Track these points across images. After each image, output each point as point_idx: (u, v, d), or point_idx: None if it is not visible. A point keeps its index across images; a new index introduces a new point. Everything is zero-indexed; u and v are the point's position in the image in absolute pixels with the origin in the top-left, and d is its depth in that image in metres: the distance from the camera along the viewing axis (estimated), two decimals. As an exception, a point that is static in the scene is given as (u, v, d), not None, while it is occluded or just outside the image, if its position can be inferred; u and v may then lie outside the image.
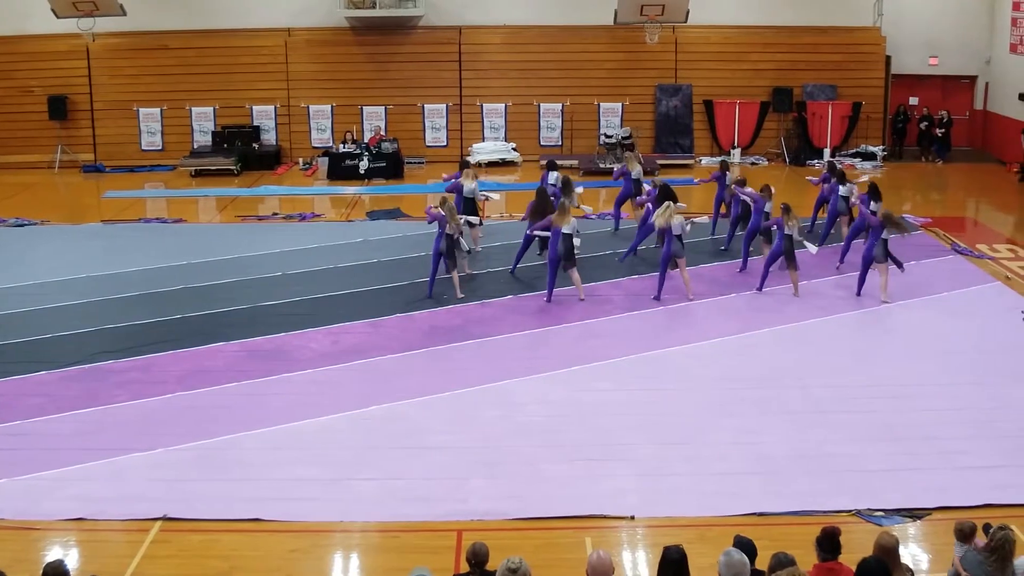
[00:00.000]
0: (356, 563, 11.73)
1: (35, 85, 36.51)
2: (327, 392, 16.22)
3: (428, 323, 19.45)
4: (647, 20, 33.91)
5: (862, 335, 18.65)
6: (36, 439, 14.58)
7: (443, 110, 37.26)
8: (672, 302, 20.42)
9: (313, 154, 35.65)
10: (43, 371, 17.13)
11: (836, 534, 9.08)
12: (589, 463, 13.75)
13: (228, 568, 11.31)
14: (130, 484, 13.24)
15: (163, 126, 37.07)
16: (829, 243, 23.97)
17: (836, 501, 12.58)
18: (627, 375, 16.82)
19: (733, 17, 37.02)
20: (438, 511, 12.50)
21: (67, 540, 12.01)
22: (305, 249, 24.05)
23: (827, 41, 36.84)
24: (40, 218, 28.30)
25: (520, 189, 31.15)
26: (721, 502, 12.59)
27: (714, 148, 37.30)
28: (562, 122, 37.31)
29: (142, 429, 14.86)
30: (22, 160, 36.37)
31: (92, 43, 35.64)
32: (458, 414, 15.37)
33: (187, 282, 22.02)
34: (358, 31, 36.83)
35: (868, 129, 36.76)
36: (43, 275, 22.56)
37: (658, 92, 37.10)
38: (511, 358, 17.63)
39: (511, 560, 8.33)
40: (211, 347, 18.25)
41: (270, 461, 13.86)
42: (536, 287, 21.29)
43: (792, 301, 20.39)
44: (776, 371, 16.88)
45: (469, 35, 37.01)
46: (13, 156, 36.41)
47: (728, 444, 14.24)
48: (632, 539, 12.00)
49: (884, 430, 14.58)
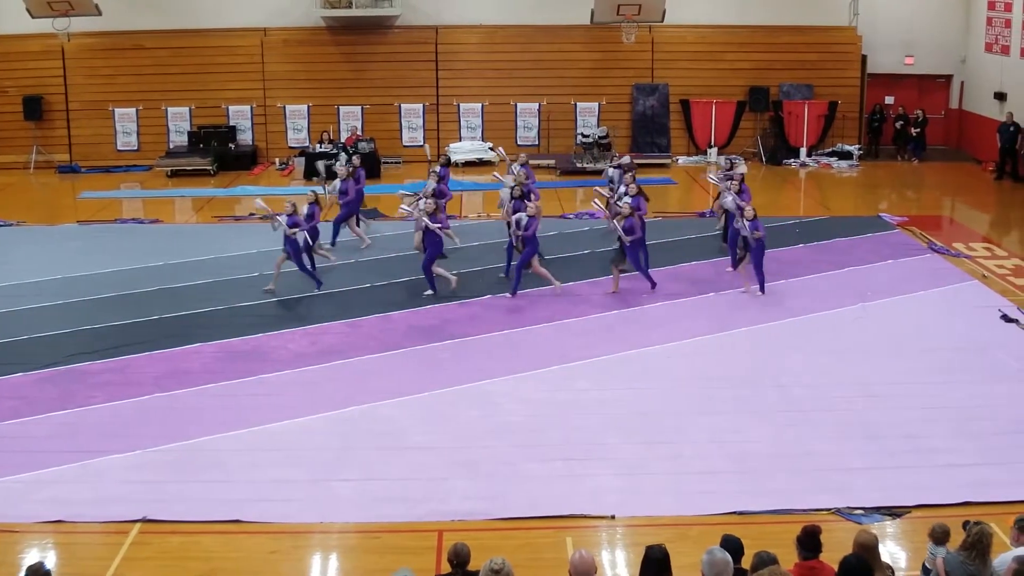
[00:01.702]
0: (337, 564, 11.71)
1: (9, 85, 36.31)
2: (305, 393, 16.18)
3: (406, 323, 19.42)
4: (624, 20, 33.92)
5: (840, 334, 18.66)
6: (11, 441, 14.50)
7: (420, 110, 37.19)
8: (651, 301, 20.43)
9: (290, 154, 35.55)
10: (18, 373, 17.04)
11: (817, 533, 9.09)
12: (569, 463, 13.76)
13: (208, 570, 11.28)
14: (108, 486, 13.19)
15: (139, 126, 36.89)
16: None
17: (816, 500, 12.62)
18: (606, 374, 16.83)
19: (709, 16, 37.04)
20: (418, 511, 12.49)
21: (45, 543, 11.95)
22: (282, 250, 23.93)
23: (803, 40, 36.90)
24: (15, 219, 28.13)
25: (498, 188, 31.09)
26: (701, 501, 12.62)
27: (691, 147, 37.33)
28: (539, 122, 37.28)
29: (119, 431, 14.80)
30: (-4, 161, 36.19)
31: (67, 43, 35.45)
32: (437, 414, 15.35)
33: (164, 283, 21.92)
34: (335, 31, 36.74)
35: (844, 128, 36.83)
36: (18, 276, 22.42)
37: (635, 92, 37.11)
38: (490, 358, 17.63)
39: (494, 561, 8.30)
40: (188, 348, 18.18)
41: (248, 462, 13.82)
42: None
43: (771, 301, 20.41)
44: (754, 370, 16.91)
45: (446, 35, 36.96)
46: (-13, 157, 36.22)
47: (708, 443, 14.27)
48: (613, 539, 12.02)
49: (863, 429, 14.63)
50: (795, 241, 24.69)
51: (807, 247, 24.18)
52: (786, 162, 35.88)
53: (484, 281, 21.80)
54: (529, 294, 20.89)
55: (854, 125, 37.20)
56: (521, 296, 20.74)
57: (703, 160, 36.51)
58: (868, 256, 23.42)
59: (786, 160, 35.96)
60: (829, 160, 35.82)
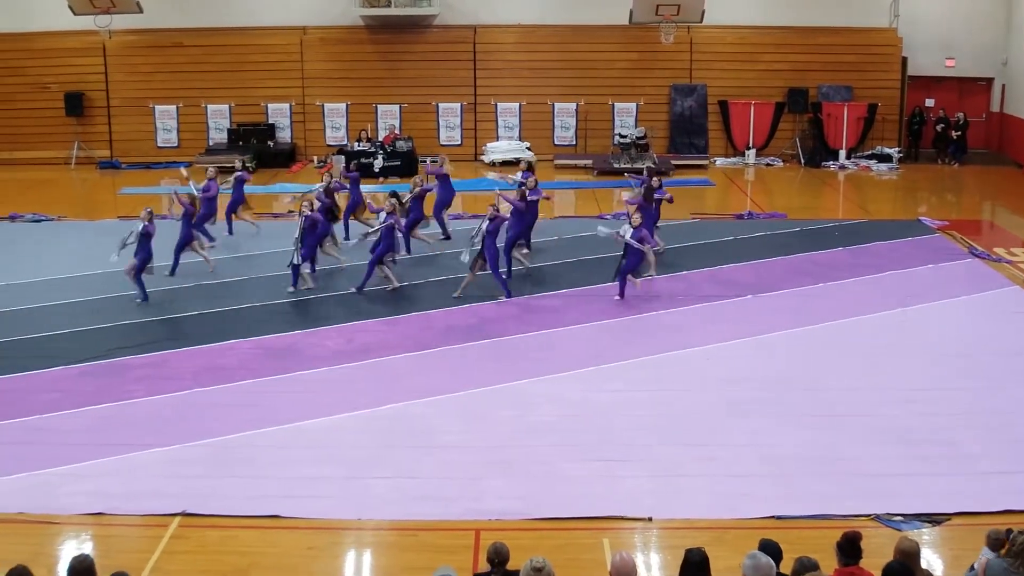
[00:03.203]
0: (374, 561, 11.72)
1: (51, 82, 36.58)
2: (341, 391, 16.20)
3: (443, 322, 19.43)
4: (663, 20, 33.88)
5: (878, 338, 18.53)
6: (50, 434, 14.57)
7: (457, 109, 37.28)
8: (686, 303, 20.37)
9: (328, 152, 35.65)
10: (58, 366, 17.14)
11: (857, 539, 9.04)
12: (605, 463, 13.71)
13: (246, 564, 11.30)
14: (146, 480, 13.24)
15: (179, 123, 37.18)
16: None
17: (853, 505, 12.49)
18: (642, 376, 16.77)
19: (749, 17, 36.96)
20: (454, 510, 12.48)
21: (85, 535, 12.01)
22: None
23: (843, 42, 36.75)
24: (56, 214, 28.37)
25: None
26: (739, 504, 12.55)
27: (729, 149, 37.25)
28: (576, 122, 37.29)
29: (157, 425, 14.86)
30: (39, 156, 36.50)
31: (108, 40, 35.76)
32: (472, 413, 15.34)
33: (202, 279, 22.03)
34: (373, 30, 36.86)
35: (884, 131, 36.69)
36: (59, 271, 22.59)
37: (673, 92, 37.07)
38: (526, 358, 17.60)
39: (535, 560, 8.30)
40: (226, 344, 18.25)
41: (284, 459, 13.86)
42: (551, 287, 21.31)
43: (810, 304, 20.30)
44: (792, 374, 16.82)
45: (484, 34, 37.02)
46: (30, 152, 36.55)
47: (744, 446, 14.19)
48: (650, 541, 11.96)
49: (900, 434, 14.49)
50: (834, 244, 24.58)
51: (846, 250, 24.07)
52: (825, 164, 35.77)
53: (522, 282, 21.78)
54: (565, 294, 20.89)
55: (894, 127, 37.04)
56: (557, 297, 20.77)
57: (741, 162, 36.43)
58: (907, 260, 23.26)
59: (825, 162, 35.87)
60: (868, 163, 35.70)
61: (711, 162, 36.48)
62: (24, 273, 22.50)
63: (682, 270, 22.44)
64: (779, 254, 23.74)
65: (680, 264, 22.83)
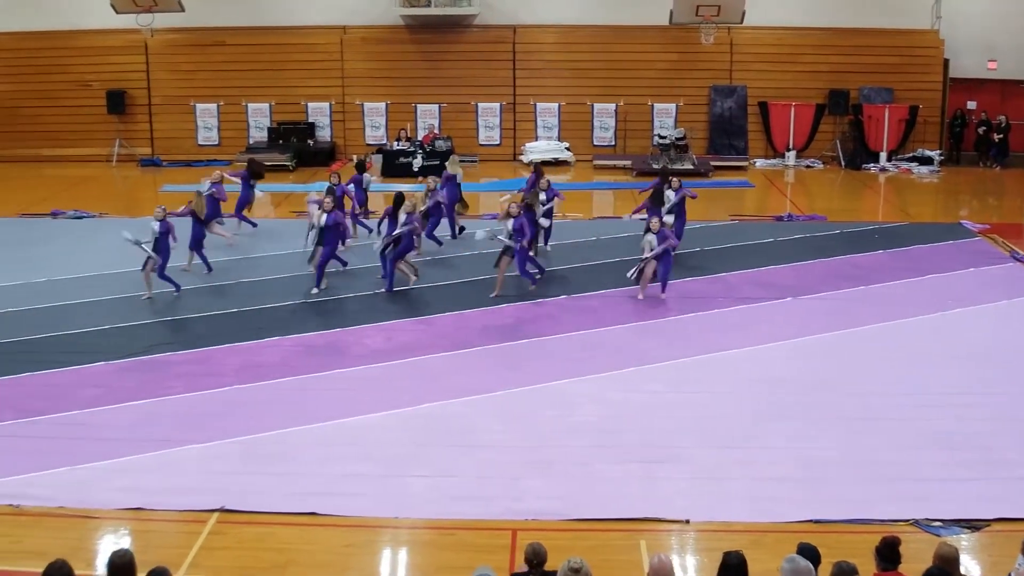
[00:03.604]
0: (411, 559, 11.72)
1: (93, 80, 36.84)
2: (380, 389, 16.24)
3: (481, 322, 19.46)
4: (703, 20, 33.80)
5: (917, 342, 18.42)
6: (91, 429, 14.68)
7: (497, 109, 37.33)
8: (725, 305, 20.31)
9: (367, 151, 35.76)
10: (100, 362, 17.27)
11: (896, 544, 9.00)
12: (643, 465, 13.68)
13: (284, 561, 11.35)
14: (185, 476, 13.32)
15: (219, 121, 37.41)
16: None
17: (891, 509, 12.40)
18: (682, 377, 16.73)
19: (789, 18, 36.82)
20: (492, 509, 12.48)
21: (124, 530, 12.10)
22: (359, 245, 24.09)
23: (884, 43, 36.55)
24: (98, 211, 28.58)
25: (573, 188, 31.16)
26: (776, 508, 12.49)
27: (768, 150, 37.13)
28: (615, 122, 37.25)
29: (197, 421, 14.95)
30: (80, 153, 36.81)
31: (150, 38, 35.97)
32: (511, 413, 15.34)
33: (243, 276, 22.17)
34: (413, 29, 36.95)
35: (925, 133, 36.52)
36: (101, 267, 22.78)
37: (713, 93, 36.99)
38: (565, 358, 17.59)
39: (572, 560, 8.31)
40: (266, 341, 18.35)
41: (323, 456, 13.90)
42: (590, 287, 21.30)
43: (849, 307, 20.21)
44: (831, 377, 16.73)
45: (523, 34, 37.05)
46: (72, 149, 36.87)
47: (782, 449, 14.12)
48: (688, 543, 11.93)
49: (939, 438, 14.39)
50: (874, 247, 24.47)
51: (886, 253, 23.96)
52: (865, 166, 35.63)
53: (560, 281, 21.81)
54: (603, 295, 20.89)
55: (935, 130, 36.84)
56: (595, 297, 20.76)
57: (781, 163, 36.32)
58: (948, 263, 23.12)
59: (865, 164, 35.72)
60: (909, 165, 35.52)
61: (751, 163, 36.39)
62: (66, 269, 22.70)
63: (721, 272, 22.39)
64: (818, 256, 23.66)
65: (719, 266, 22.79)
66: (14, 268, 22.86)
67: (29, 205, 29.53)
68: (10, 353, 17.73)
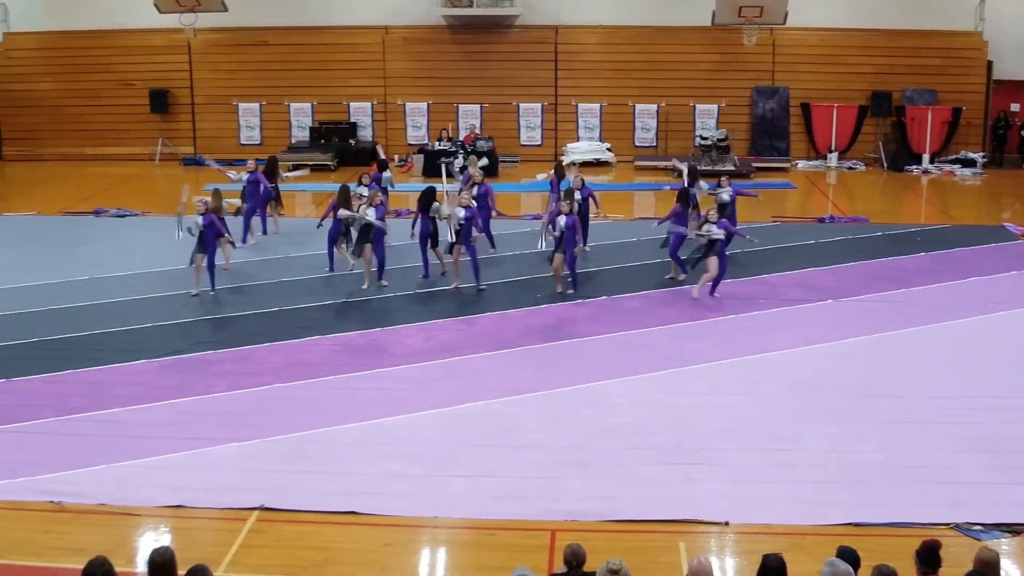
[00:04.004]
0: (451, 559, 11.73)
1: (136, 79, 37.10)
2: (420, 388, 16.25)
3: (522, 322, 19.46)
4: (745, 21, 33.69)
5: (960, 345, 18.26)
6: (132, 427, 14.76)
7: (538, 109, 37.34)
8: (767, 307, 20.24)
9: (409, 151, 35.83)
10: (141, 360, 17.37)
11: (937, 548, 8.94)
12: (682, 466, 13.63)
13: (323, 560, 11.38)
14: (225, 474, 13.38)
15: (261, 121, 37.58)
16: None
17: (933, 513, 12.31)
18: (722, 379, 16.65)
19: (832, 19, 36.63)
20: (531, 510, 12.46)
21: (164, 527, 12.16)
22: (400, 245, 24.14)
23: (927, 45, 36.32)
24: (140, 209, 28.77)
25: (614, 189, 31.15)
26: (816, 510, 12.42)
27: (811, 151, 36.97)
28: (657, 123, 37.19)
29: (237, 419, 15.02)
30: (123, 152, 37.11)
31: (193, 38, 36.14)
32: (551, 414, 15.32)
33: (283, 276, 22.26)
34: (455, 29, 37.00)
35: (968, 135, 36.25)
36: (143, 265, 22.95)
37: (755, 94, 36.86)
38: (605, 359, 17.56)
39: (612, 562, 8.30)
40: (306, 340, 18.41)
41: (363, 455, 13.93)
42: (630, 288, 21.28)
43: (891, 309, 20.10)
44: (872, 379, 16.62)
45: (565, 35, 37.04)
46: (115, 148, 37.17)
47: (823, 452, 14.04)
48: (727, 545, 11.88)
49: (981, 442, 14.26)
50: (916, 249, 24.32)
51: (929, 255, 23.81)
52: (908, 168, 35.41)
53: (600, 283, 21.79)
54: (644, 296, 20.87)
55: (978, 132, 36.57)
56: (636, 298, 20.74)
57: (823, 165, 36.16)
58: (991, 266, 22.94)
59: (908, 166, 35.50)
60: (952, 167, 35.26)
61: (792, 165, 36.25)
62: (108, 268, 22.89)
63: (762, 273, 22.32)
64: (860, 258, 23.55)
65: (761, 268, 22.70)
66: (57, 266, 23.06)
67: (72, 203, 29.80)
68: (52, 351, 17.88)
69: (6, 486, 12.93)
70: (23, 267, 23.07)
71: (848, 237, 25.68)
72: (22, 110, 38.03)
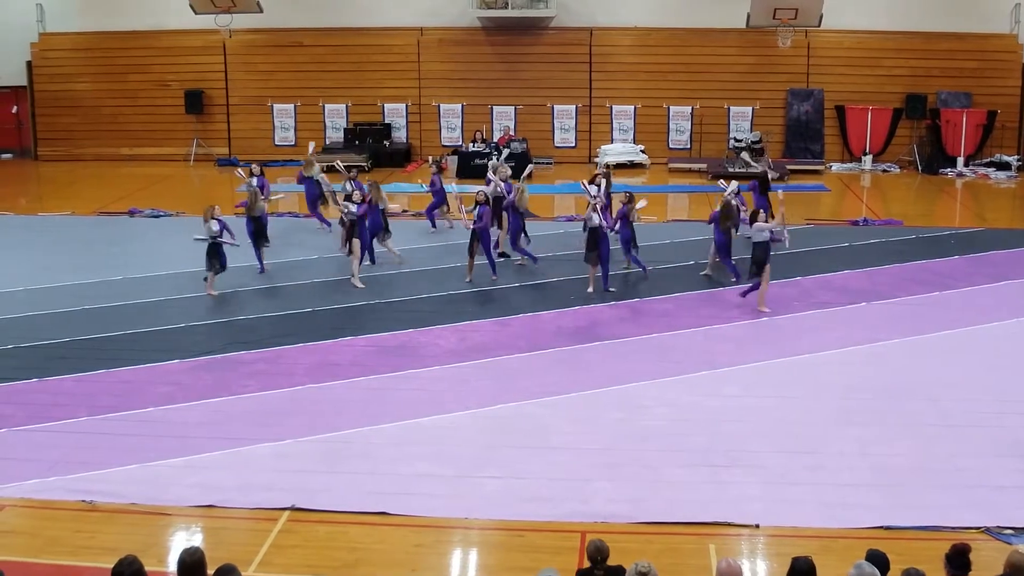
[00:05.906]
0: (481, 560, 11.75)
1: (172, 80, 37.32)
2: (452, 389, 16.29)
3: (555, 323, 19.47)
4: (780, 24, 33.62)
5: (994, 348, 18.17)
6: (164, 426, 14.85)
7: (572, 111, 37.37)
8: (800, 310, 20.19)
9: (443, 153, 35.91)
10: (174, 360, 17.47)
11: (967, 551, 8.91)
12: (713, 469, 13.62)
13: (354, 560, 11.41)
14: (256, 474, 13.43)
15: (296, 122, 37.73)
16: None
17: (964, 517, 12.25)
18: (754, 381, 16.62)
19: (867, 22, 36.53)
20: (561, 511, 12.47)
21: (195, 527, 12.23)
22: (432, 247, 24.20)
23: (962, 48, 36.16)
24: (175, 209, 28.93)
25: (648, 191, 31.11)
26: (847, 514, 12.37)
27: (845, 154, 36.86)
28: (691, 125, 37.15)
29: (269, 420, 15.08)
30: (158, 152, 37.36)
31: (228, 39, 36.33)
32: (582, 415, 15.33)
33: (315, 276, 22.35)
34: (490, 31, 37.06)
35: (1003, 138, 36.05)
36: (177, 266, 23.08)
37: (789, 96, 36.79)
38: (638, 361, 17.55)
39: (641, 564, 8.30)
40: (339, 341, 18.48)
41: (394, 456, 13.96)
42: (663, 290, 21.28)
43: (925, 312, 20.01)
44: (905, 382, 16.55)
45: (600, 36, 37.05)
46: (150, 148, 37.42)
47: (855, 455, 13.99)
48: (757, 548, 11.86)
49: (1012, 446, 14.16)
50: (950, 252, 24.19)
51: (963, 259, 23.68)
52: (942, 171, 35.25)
53: (633, 285, 21.78)
54: (677, 298, 20.85)
55: (1013, 135, 36.36)
56: (669, 300, 20.74)
57: (857, 167, 36.05)
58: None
59: (942, 169, 35.34)
60: (987, 170, 35.06)
61: (827, 167, 36.14)
62: (142, 268, 23.05)
63: (796, 276, 22.25)
64: (894, 261, 23.46)
65: (794, 270, 22.63)
66: (91, 266, 23.25)
67: (107, 203, 30.02)
68: (85, 350, 18.01)
69: (39, 485, 13.03)
70: (57, 267, 23.27)
71: (882, 240, 25.59)
72: (58, 110, 38.37)
